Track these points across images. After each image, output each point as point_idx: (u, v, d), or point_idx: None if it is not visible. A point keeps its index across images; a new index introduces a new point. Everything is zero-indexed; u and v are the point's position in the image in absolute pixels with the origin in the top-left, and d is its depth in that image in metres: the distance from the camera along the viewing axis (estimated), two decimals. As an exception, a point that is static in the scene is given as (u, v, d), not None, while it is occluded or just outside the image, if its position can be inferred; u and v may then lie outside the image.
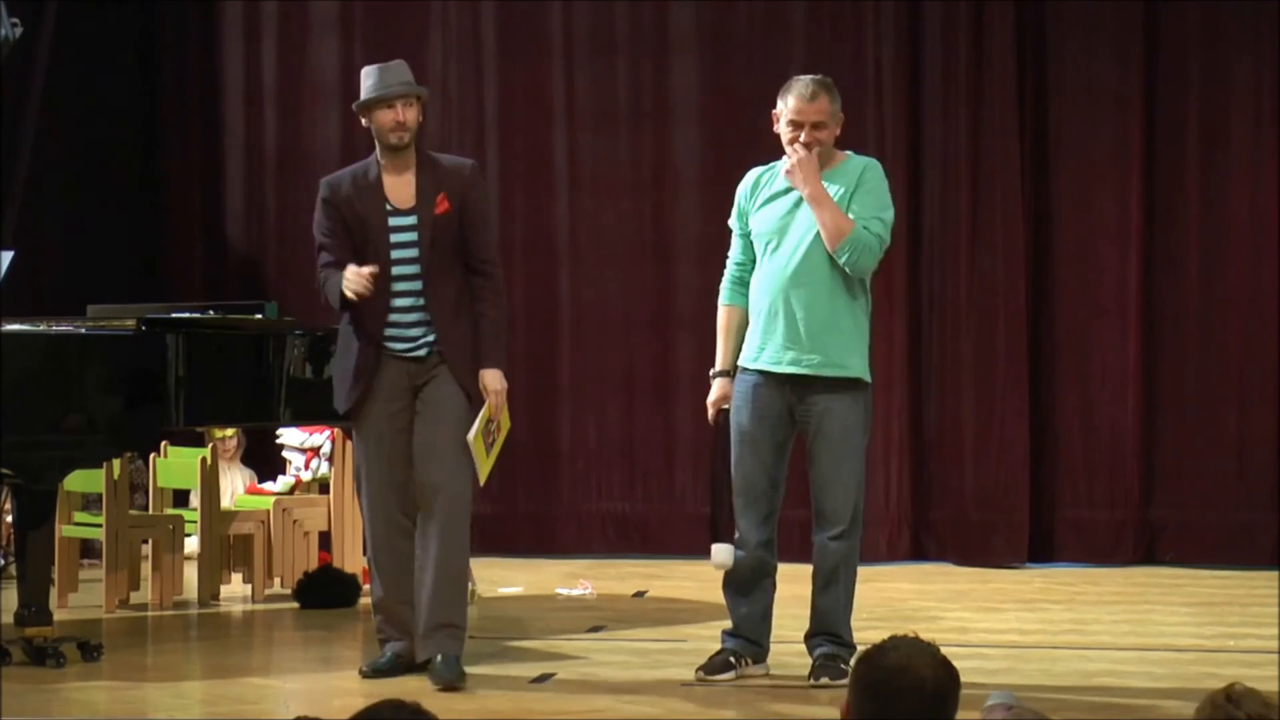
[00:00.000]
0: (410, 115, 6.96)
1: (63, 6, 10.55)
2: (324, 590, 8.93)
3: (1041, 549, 10.47)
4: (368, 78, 7.01)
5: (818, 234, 6.75)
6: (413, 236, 6.94)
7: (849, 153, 7.01)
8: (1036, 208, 10.53)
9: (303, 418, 8.55)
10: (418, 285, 6.95)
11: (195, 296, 10.49)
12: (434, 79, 11.10)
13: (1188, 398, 10.43)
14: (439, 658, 6.87)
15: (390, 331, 6.96)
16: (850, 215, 6.76)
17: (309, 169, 11.26)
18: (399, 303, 6.96)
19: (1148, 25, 10.39)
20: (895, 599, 9.07)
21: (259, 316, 8.36)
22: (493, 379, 6.97)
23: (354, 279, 6.82)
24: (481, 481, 7.11)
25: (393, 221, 6.95)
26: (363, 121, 7.06)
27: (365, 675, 7.00)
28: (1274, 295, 10.28)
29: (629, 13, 10.96)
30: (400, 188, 6.98)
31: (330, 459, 9.40)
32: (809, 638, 6.93)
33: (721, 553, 6.90)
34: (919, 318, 10.65)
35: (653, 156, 10.97)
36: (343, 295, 6.86)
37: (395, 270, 6.94)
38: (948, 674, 3.43)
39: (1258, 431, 10.32)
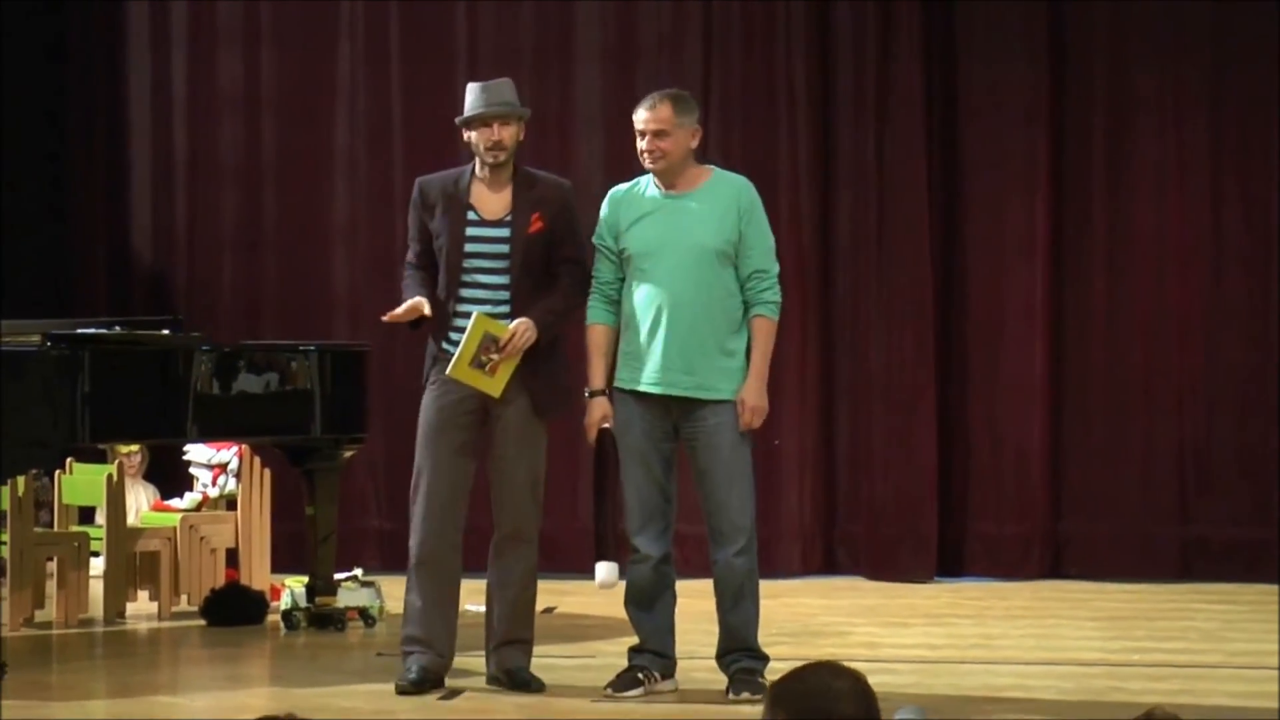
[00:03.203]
0: (507, 134, 6.93)
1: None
2: (231, 607, 8.87)
3: (950, 563, 10.50)
4: (470, 94, 6.98)
5: (694, 256, 6.79)
6: (502, 249, 6.92)
7: (713, 168, 7.04)
8: (945, 220, 10.57)
9: (210, 434, 8.52)
10: (504, 295, 6.92)
11: (100, 311, 10.39)
12: (342, 87, 11.06)
13: (1094, 410, 10.49)
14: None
15: (456, 337, 6.90)
16: (748, 261, 6.82)
17: (217, 179, 11.20)
18: (492, 311, 6.90)
19: (1053, 34, 10.43)
20: (804, 614, 9.08)
21: (166, 332, 8.31)
22: (522, 326, 6.86)
23: (406, 310, 6.96)
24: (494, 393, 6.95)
25: (472, 232, 6.93)
26: (464, 134, 7.02)
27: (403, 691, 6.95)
28: (1178, 308, 10.36)
29: (534, 21, 10.92)
30: (493, 201, 6.97)
31: (238, 475, 9.33)
32: (721, 656, 6.94)
33: (606, 571, 6.90)
34: (829, 331, 10.67)
35: (556, 164, 10.92)
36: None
37: (479, 279, 6.92)
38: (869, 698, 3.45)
39: (1163, 444, 10.38)
